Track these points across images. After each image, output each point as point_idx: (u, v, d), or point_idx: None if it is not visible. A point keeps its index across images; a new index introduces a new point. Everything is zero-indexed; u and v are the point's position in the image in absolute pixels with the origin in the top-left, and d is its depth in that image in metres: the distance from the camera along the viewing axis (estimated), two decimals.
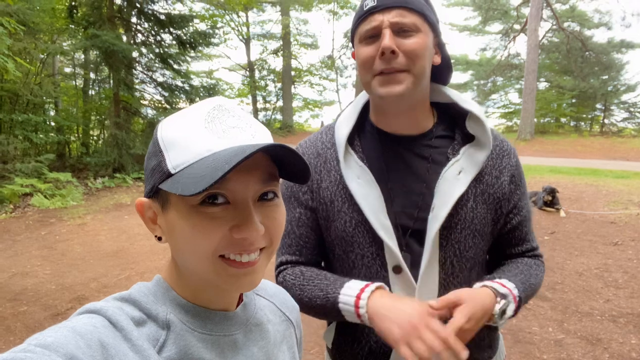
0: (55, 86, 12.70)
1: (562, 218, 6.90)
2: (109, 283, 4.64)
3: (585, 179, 9.94)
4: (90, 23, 10.86)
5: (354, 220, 1.05)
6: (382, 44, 0.96)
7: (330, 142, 1.11)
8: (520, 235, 1.12)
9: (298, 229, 1.11)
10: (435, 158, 1.06)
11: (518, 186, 1.10)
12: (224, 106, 0.59)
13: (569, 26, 22.35)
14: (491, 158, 1.07)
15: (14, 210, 7.92)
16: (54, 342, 0.46)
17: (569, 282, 4.44)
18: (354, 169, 1.05)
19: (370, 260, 1.05)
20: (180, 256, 0.60)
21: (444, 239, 1.02)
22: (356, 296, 0.96)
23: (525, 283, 1.05)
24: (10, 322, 3.75)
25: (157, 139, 0.59)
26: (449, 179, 1.02)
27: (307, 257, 1.12)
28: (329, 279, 1.04)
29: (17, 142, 10.18)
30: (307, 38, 25.64)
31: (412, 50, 0.97)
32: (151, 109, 12.64)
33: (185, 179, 0.53)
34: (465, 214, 1.03)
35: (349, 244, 1.06)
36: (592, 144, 17.90)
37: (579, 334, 3.40)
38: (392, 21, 0.96)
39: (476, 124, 1.06)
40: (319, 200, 1.09)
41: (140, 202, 0.62)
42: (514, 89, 26.61)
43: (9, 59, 7.39)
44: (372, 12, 0.99)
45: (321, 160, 1.10)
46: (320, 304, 1.02)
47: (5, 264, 5.28)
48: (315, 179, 1.10)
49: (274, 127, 23.12)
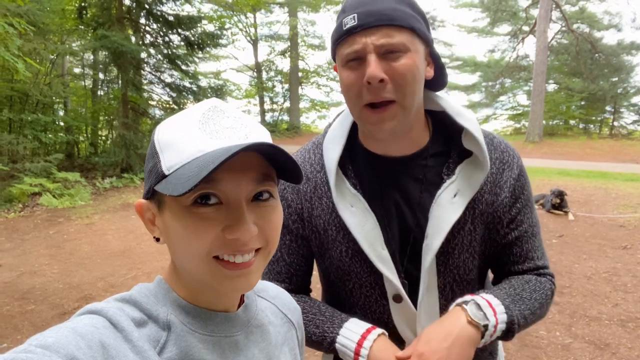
0: (65, 86, 12.80)
1: (571, 221, 6.85)
2: (116, 282, 4.66)
3: (594, 182, 9.87)
4: (99, 24, 10.93)
5: (350, 250, 0.99)
6: (368, 72, 0.85)
7: (319, 164, 1.03)
8: (520, 252, 1.02)
9: (288, 256, 1.05)
10: (429, 178, 0.99)
11: (518, 199, 1.01)
12: (219, 107, 0.59)
13: (579, 28, 22.17)
14: (491, 174, 0.99)
15: (22, 210, 7.99)
16: (55, 343, 0.46)
17: (577, 285, 4.40)
18: (346, 197, 0.97)
19: (369, 289, 1.00)
20: (176, 257, 0.61)
21: (442, 265, 0.97)
22: (357, 342, 0.91)
23: (513, 295, 0.95)
24: (17, 321, 3.78)
25: (153, 141, 0.59)
26: (442, 204, 0.94)
27: (297, 284, 1.07)
28: (324, 314, 1.00)
29: (26, 142, 10.27)
30: (314, 39, 25.62)
31: (401, 75, 0.86)
32: (159, 109, 12.70)
33: (176, 179, 0.53)
34: (462, 237, 0.96)
35: (346, 273, 1.01)
36: (602, 146, 17.75)
37: (586, 338, 3.37)
38: (377, 44, 0.85)
39: (472, 142, 0.96)
40: (312, 228, 1.02)
41: (139, 203, 0.63)
42: (522, 90, 26.44)
43: (19, 60, 7.46)
44: (352, 32, 0.87)
45: (311, 186, 1.02)
46: (315, 341, 0.97)
47: (14, 263, 5.32)
48: (306, 207, 1.03)
49: (280, 128, 23.13)
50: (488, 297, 0.92)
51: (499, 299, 0.92)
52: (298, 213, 1.04)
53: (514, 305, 0.93)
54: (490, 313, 0.89)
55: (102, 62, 13.04)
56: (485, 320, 0.88)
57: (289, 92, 24.54)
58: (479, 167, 0.96)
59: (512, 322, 0.91)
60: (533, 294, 0.98)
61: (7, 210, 7.81)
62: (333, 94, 26.30)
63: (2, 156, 9.28)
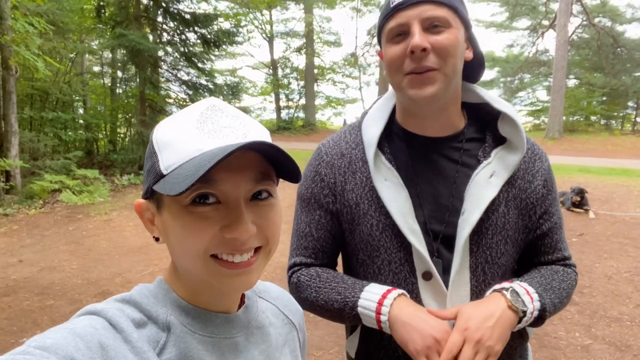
0: (84, 85, 13.02)
1: (591, 219, 6.71)
2: (133, 278, 4.72)
3: (616, 179, 9.65)
4: (117, 22, 11.07)
5: (381, 224, 1.00)
6: (411, 41, 0.90)
7: (354, 142, 1.07)
8: (551, 242, 1.06)
9: (317, 231, 1.07)
10: (465, 161, 1.02)
11: (550, 191, 1.05)
12: (217, 106, 0.59)
13: (600, 22, 21.72)
14: (524, 161, 1.03)
15: (43, 206, 8.14)
16: (54, 344, 0.46)
17: (597, 285, 4.31)
18: (381, 171, 1.01)
19: (398, 266, 1.00)
20: (175, 256, 0.60)
21: (475, 244, 0.98)
22: (378, 302, 0.93)
23: (544, 284, 0.99)
24: (37, 316, 3.85)
25: (152, 140, 0.59)
26: (480, 183, 0.98)
27: (322, 260, 1.09)
28: (346, 282, 1.01)
29: (47, 140, 10.48)
30: (330, 36, 25.63)
31: (443, 47, 0.91)
32: (176, 107, 12.82)
33: (173, 179, 0.53)
34: (496, 219, 0.99)
35: (375, 248, 1.02)
36: (624, 142, 17.37)
37: (607, 339, 3.30)
38: (422, 17, 0.91)
39: (509, 125, 1.01)
40: (343, 202, 1.05)
41: (138, 203, 0.63)
42: (542, 86, 26.07)
43: (39, 58, 7.61)
44: (399, 8, 0.93)
45: (345, 161, 1.06)
46: (337, 308, 0.99)
47: (34, 258, 5.42)
48: (339, 181, 1.05)
49: (296, 125, 23.17)
50: (525, 285, 0.95)
51: (534, 287, 0.96)
52: (330, 187, 1.06)
53: (545, 294, 0.96)
54: (528, 300, 0.92)
55: (120, 60, 13.23)
56: (524, 306, 0.91)
57: (305, 89, 24.57)
58: (513, 151, 1.00)
59: (545, 309, 0.94)
60: (562, 283, 1.02)
61: (28, 207, 7.97)
62: (349, 91, 26.29)
63: (24, 153, 9.47)
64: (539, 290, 0.96)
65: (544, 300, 0.95)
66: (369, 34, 25.36)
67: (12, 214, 7.54)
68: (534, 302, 0.93)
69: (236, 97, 13.37)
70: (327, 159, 1.08)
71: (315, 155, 1.11)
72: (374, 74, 27.30)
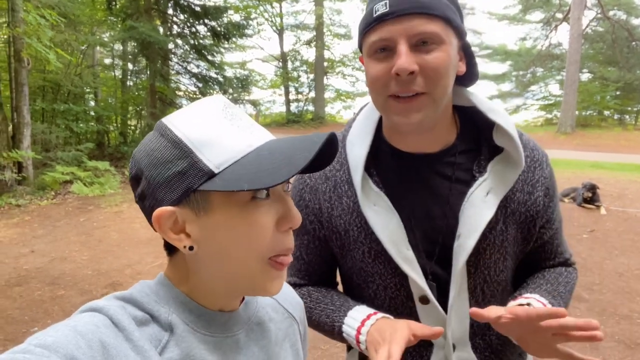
0: (95, 77, 13.09)
1: (603, 215, 6.64)
2: (143, 270, 4.77)
3: (629, 175, 9.54)
4: (128, 15, 11.12)
5: (373, 251, 0.94)
6: (397, 62, 0.80)
7: (339, 162, 0.98)
8: (552, 248, 1.03)
9: (307, 255, 1.04)
10: (458, 176, 0.94)
11: (552, 199, 0.98)
12: (230, 105, 0.59)
13: (615, 15, 21.35)
14: (522, 172, 0.94)
15: (54, 197, 8.24)
16: (54, 342, 0.46)
17: (607, 282, 4.27)
18: (369, 196, 0.93)
19: (394, 291, 0.96)
20: (219, 262, 0.58)
21: (472, 266, 0.93)
22: (357, 329, 0.90)
23: (552, 293, 0.95)
24: (48, 306, 3.91)
25: (177, 140, 0.54)
26: (475, 203, 0.90)
27: (316, 282, 1.06)
28: (335, 304, 0.98)
29: (58, 131, 10.58)
30: (340, 28, 25.44)
31: (433, 68, 0.81)
32: (186, 99, 12.88)
33: (241, 175, 0.52)
34: (494, 238, 0.92)
35: (369, 274, 0.97)
36: (637, 138, 17.12)
37: (616, 337, 3.27)
38: (410, 33, 0.80)
39: (505, 137, 0.92)
40: (331, 229, 0.98)
41: (159, 214, 0.55)
42: (554, 80, 25.70)
43: (50, 51, 7.66)
44: (383, 19, 0.81)
45: (330, 185, 0.98)
46: (327, 331, 0.97)
47: (46, 249, 5.50)
48: (325, 207, 0.98)
49: (305, 119, 23.12)
50: (541, 300, 0.91)
51: (547, 300, 0.92)
52: (315, 214, 1.00)
53: (554, 301, 0.93)
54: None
55: (131, 52, 13.29)
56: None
57: (314, 82, 24.49)
58: (511, 164, 0.92)
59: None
60: (566, 286, 1.00)
61: (40, 198, 8.07)
62: (359, 84, 26.11)
63: (36, 145, 9.57)
64: (550, 300, 0.93)
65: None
66: None
67: (24, 205, 7.64)
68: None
69: (246, 89, 13.40)
70: (310, 183, 1.01)
71: (299, 177, 1.04)
72: None
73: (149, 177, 0.56)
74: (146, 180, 0.56)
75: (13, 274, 4.65)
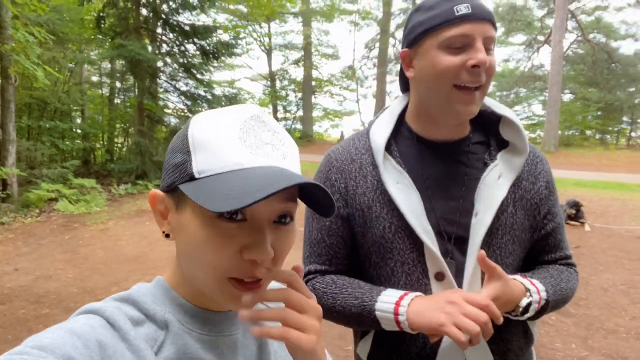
0: (82, 94, 13.04)
1: (587, 232, 6.74)
2: (130, 287, 4.69)
3: (611, 193, 9.71)
4: (117, 33, 11.13)
5: (394, 226, 1.02)
6: (478, 56, 0.93)
7: (364, 148, 1.09)
8: (554, 242, 1.10)
9: (328, 238, 1.08)
10: (473, 163, 1.05)
11: (552, 192, 1.10)
12: (261, 117, 0.58)
13: (595, 37, 22.00)
14: (526, 164, 1.07)
15: (39, 215, 8.10)
16: (51, 344, 0.46)
17: (593, 298, 4.32)
18: (392, 174, 1.03)
19: (411, 267, 1.01)
20: (186, 260, 0.59)
21: (486, 244, 1.00)
22: (395, 303, 0.94)
23: (555, 287, 1.02)
24: (32, 324, 3.82)
25: (187, 135, 0.57)
26: (489, 184, 1.01)
27: (337, 267, 1.09)
28: (363, 288, 1.02)
29: (44, 148, 10.46)
30: (328, 48, 25.81)
31: (492, 68, 0.97)
32: (174, 117, 12.85)
33: (209, 190, 0.51)
34: (506, 219, 1.02)
35: (388, 250, 1.03)
36: (619, 157, 17.49)
37: (603, 351, 3.30)
38: (486, 35, 0.94)
39: (511, 129, 1.06)
40: (355, 206, 1.06)
41: (154, 193, 0.60)
42: (537, 100, 26.23)
43: (38, 68, 7.63)
44: (465, 19, 0.94)
45: (356, 166, 1.08)
46: (355, 312, 0.99)
47: (30, 267, 5.39)
48: (351, 185, 1.07)
49: (294, 137, 23.14)
50: (542, 294, 0.98)
51: (546, 290, 0.99)
52: (341, 192, 1.07)
53: (553, 297, 1.00)
54: (534, 308, 0.97)
55: (119, 70, 13.29)
56: (522, 315, 0.96)
57: (302, 100, 24.69)
58: (517, 153, 1.05)
59: (543, 310, 0.99)
60: (567, 284, 1.06)
61: (24, 215, 7.94)
62: (346, 103, 26.38)
63: (21, 162, 9.45)
64: (549, 293, 0.99)
65: (547, 306, 0.99)
66: (367, 47, 25.58)
67: (8, 223, 7.50)
68: (541, 302, 0.98)
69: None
70: (337, 165, 1.10)
71: (325, 162, 1.13)
72: (371, 86, 27.51)
73: (165, 159, 0.61)
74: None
75: None
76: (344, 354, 3.20)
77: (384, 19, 23.71)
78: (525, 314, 0.96)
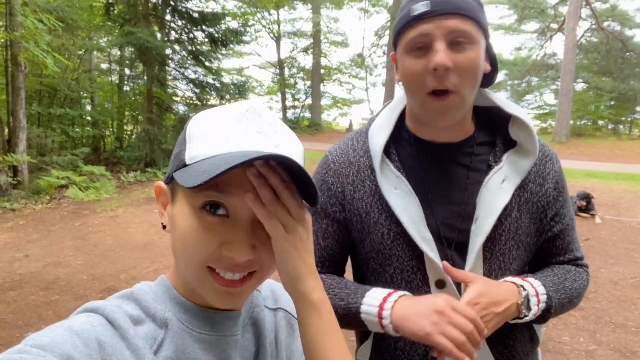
0: (92, 82, 13.07)
1: (598, 225, 6.67)
2: (138, 275, 4.74)
3: (623, 185, 9.59)
4: (126, 20, 11.12)
5: (392, 233, 0.98)
6: (435, 59, 0.86)
7: (362, 150, 1.05)
8: (563, 244, 1.05)
9: (324, 240, 1.06)
10: (476, 166, 1.00)
11: (561, 193, 1.04)
12: (258, 110, 0.58)
13: (609, 26, 21.57)
14: (535, 164, 1.01)
15: (50, 202, 8.19)
16: (51, 343, 0.46)
17: (602, 291, 4.29)
18: (390, 180, 0.99)
19: (411, 274, 0.99)
20: (175, 252, 0.60)
21: (488, 251, 0.97)
22: (379, 306, 0.91)
23: (558, 285, 0.98)
24: (42, 311, 3.88)
25: (186, 128, 0.60)
26: (492, 189, 0.96)
27: (328, 269, 1.08)
28: (349, 288, 1.00)
29: (54, 136, 10.54)
30: (337, 36, 25.59)
31: (466, 68, 0.88)
32: (183, 105, 12.85)
33: (192, 171, 0.53)
34: (509, 224, 0.97)
35: (387, 257, 1.00)
36: (632, 148, 17.23)
37: (612, 345, 3.28)
38: (446, 31, 0.86)
39: (520, 129, 0.99)
40: (353, 212, 1.03)
41: (159, 185, 0.63)
42: (549, 90, 25.89)
43: (48, 55, 7.65)
44: (422, 18, 0.87)
45: (354, 170, 1.04)
46: (342, 315, 0.97)
47: (40, 254, 5.46)
48: (348, 190, 1.03)
49: (302, 126, 23.15)
50: (537, 286, 0.95)
51: (546, 288, 0.96)
52: (338, 197, 1.04)
53: (556, 295, 0.96)
54: (534, 302, 0.93)
55: (128, 58, 13.28)
56: (528, 311, 0.92)
57: (311, 89, 24.56)
58: (525, 155, 0.99)
59: (549, 310, 0.95)
60: (574, 284, 1.02)
61: (35, 202, 8.03)
62: (355, 92, 26.24)
63: (31, 149, 9.53)
64: (550, 292, 0.95)
65: (552, 303, 0.95)
66: (377, 35, 25.32)
67: (19, 209, 7.60)
68: (540, 303, 0.94)
69: (243, 96, 13.39)
70: (334, 168, 1.06)
71: (323, 163, 1.10)
72: (380, 75, 27.26)
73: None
74: None
75: (7, 279, 4.61)
76: None
77: (394, 6, 23.43)
78: (530, 312, 0.92)
